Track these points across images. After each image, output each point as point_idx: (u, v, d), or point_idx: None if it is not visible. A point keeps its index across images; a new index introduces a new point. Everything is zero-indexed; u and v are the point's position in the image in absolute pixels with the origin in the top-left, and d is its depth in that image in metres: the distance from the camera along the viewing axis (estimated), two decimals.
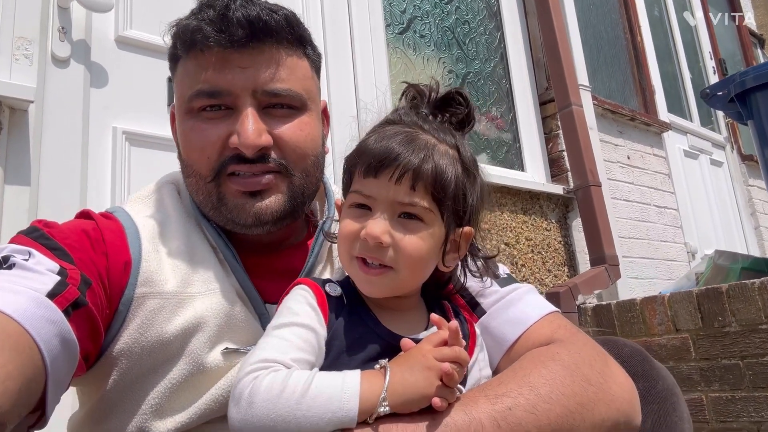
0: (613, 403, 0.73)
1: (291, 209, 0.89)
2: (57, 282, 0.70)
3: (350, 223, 0.74)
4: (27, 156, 1.58)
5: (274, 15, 0.85)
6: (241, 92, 0.84)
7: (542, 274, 2.97)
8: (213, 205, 0.88)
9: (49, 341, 0.65)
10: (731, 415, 2.01)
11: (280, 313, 0.75)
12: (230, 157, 0.85)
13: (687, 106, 4.80)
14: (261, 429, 0.63)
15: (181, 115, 0.89)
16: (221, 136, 0.85)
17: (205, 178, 0.87)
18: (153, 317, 0.81)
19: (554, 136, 3.28)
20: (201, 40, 0.83)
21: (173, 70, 0.92)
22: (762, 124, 2.50)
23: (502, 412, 0.66)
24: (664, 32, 4.80)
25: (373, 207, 0.73)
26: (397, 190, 0.72)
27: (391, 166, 0.72)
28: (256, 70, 0.85)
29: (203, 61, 0.85)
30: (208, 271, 0.86)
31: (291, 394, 0.63)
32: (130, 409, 0.81)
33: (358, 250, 0.73)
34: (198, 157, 0.87)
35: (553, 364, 0.73)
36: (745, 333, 1.98)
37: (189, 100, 0.86)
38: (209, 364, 0.81)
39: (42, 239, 0.76)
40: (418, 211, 0.73)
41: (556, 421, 0.67)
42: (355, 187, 0.75)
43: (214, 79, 0.84)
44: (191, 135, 0.87)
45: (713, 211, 4.47)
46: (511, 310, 0.86)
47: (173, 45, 0.89)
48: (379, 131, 0.78)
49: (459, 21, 3.18)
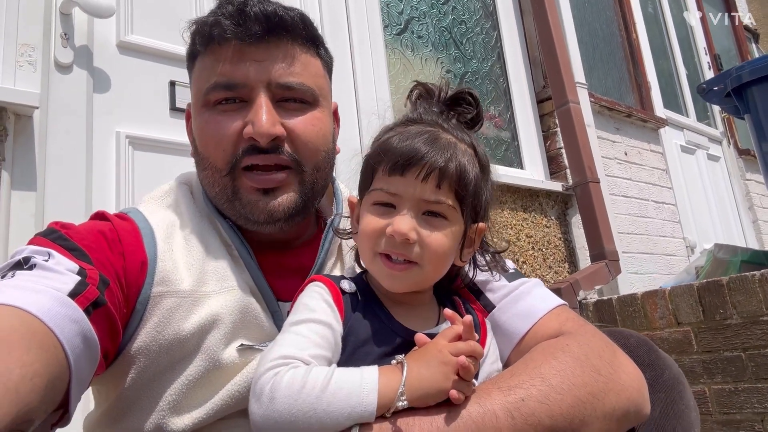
0: (623, 392, 0.74)
1: (302, 206, 0.91)
2: (77, 282, 0.71)
3: (374, 220, 0.76)
4: (33, 161, 1.59)
5: (290, 12, 0.89)
6: (256, 84, 0.87)
7: (543, 271, 2.98)
8: (227, 198, 0.89)
9: (72, 340, 0.66)
10: (734, 406, 2.02)
11: (296, 310, 0.76)
12: (245, 149, 0.87)
13: (683, 102, 4.82)
14: (282, 424, 0.64)
15: (198, 108, 0.91)
16: (236, 128, 0.87)
17: (220, 171, 0.88)
18: (170, 315, 0.82)
19: (552, 134, 3.30)
20: (219, 33, 0.86)
21: (191, 68, 0.94)
22: (759, 117, 2.52)
23: (516, 403, 0.67)
24: (659, 29, 4.83)
25: (398, 204, 0.75)
26: (423, 188, 0.74)
27: (418, 165, 0.73)
28: (271, 63, 0.87)
29: (220, 54, 0.87)
30: (223, 269, 0.87)
31: (311, 390, 0.64)
32: (147, 406, 0.82)
33: (384, 246, 0.75)
34: (214, 150, 0.88)
35: (563, 356, 0.75)
36: (747, 325, 2.00)
37: (206, 93, 0.89)
38: (225, 361, 0.82)
39: (60, 240, 0.78)
40: (443, 209, 0.75)
41: (568, 411, 0.68)
42: (379, 185, 0.76)
43: (231, 71, 0.87)
44: (207, 128, 0.89)
45: (711, 205, 4.49)
46: (520, 303, 0.87)
47: (192, 42, 0.92)
48: (401, 130, 0.79)
49: (456, 21, 3.20)
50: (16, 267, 0.71)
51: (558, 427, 0.67)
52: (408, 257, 0.74)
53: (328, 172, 0.96)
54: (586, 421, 0.69)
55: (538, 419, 0.67)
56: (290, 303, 0.82)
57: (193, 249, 0.88)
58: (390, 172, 0.75)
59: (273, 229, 0.90)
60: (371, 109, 2.48)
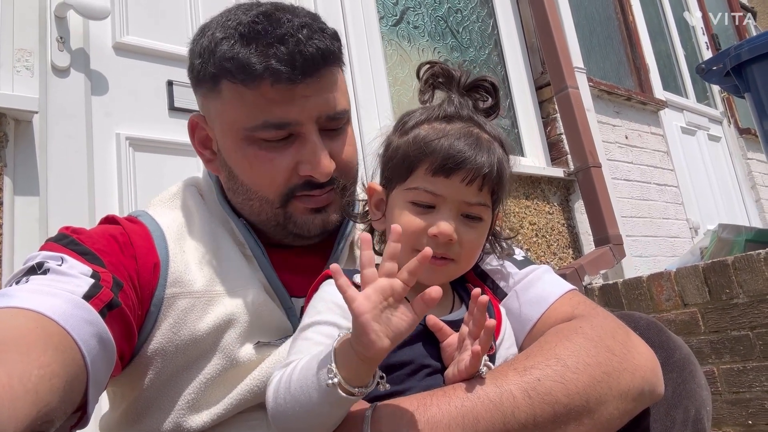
0: (637, 371, 0.75)
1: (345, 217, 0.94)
2: (91, 284, 0.72)
3: (415, 219, 0.77)
4: (34, 166, 1.59)
5: (335, 42, 0.87)
6: (307, 121, 0.86)
7: (548, 257, 2.98)
8: (278, 223, 0.91)
9: (88, 341, 0.67)
10: (743, 385, 2.03)
11: (306, 313, 0.79)
12: (300, 184, 0.88)
13: (682, 83, 4.80)
14: (284, 418, 0.67)
15: (237, 140, 0.87)
16: (289, 166, 0.87)
17: (272, 203, 0.89)
18: (185, 316, 0.83)
19: (552, 120, 3.29)
20: (272, 75, 0.81)
21: (211, 88, 0.87)
22: (759, 95, 2.50)
23: (532, 383, 0.68)
24: (655, 10, 4.80)
25: (439, 205, 0.76)
26: (467, 191, 0.76)
27: (464, 169, 0.74)
28: (318, 98, 0.85)
29: (269, 94, 0.83)
30: (235, 268, 0.88)
31: (288, 379, 0.67)
32: (166, 406, 0.83)
33: (425, 244, 0.75)
34: (267, 186, 0.88)
35: (577, 337, 0.75)
36: (753, 304, 2.00)
37: (252, 130, 0.85)
38: (242, 358, 0.83)
39: (72, 245, 0.78)
40: (481, 211, 0.78)
41: (584, 390, 0.69)
42: (421, 185, 0.77)
43: (283, 112, 0.84)
44: (257, 163, 0.87)
45: (713, 186, 4.48)
46: (531, 290, 0.88)
47: (218, 66, 0.84)
48: (441, 127, 0.79)
49: (451, 10, 3.18)
50: (30, 272, 0.72)
51: (574, 406, 0.68)
52: (447, 255, 0.77)
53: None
54: (602, 400, 0.70)
55: (555, 398, 0.67)
56: (303, 299, 0.84)
57: (205, 249, 0.89)
58: (434, 173, 0.75)
59: (317, 240, 0.93)
60: (369, 100, 2.48)
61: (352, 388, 0.62)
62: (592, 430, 0.69)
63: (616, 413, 0.72)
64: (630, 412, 0.74)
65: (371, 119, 2.44)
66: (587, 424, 0.69)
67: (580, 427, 0.68)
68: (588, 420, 0.69)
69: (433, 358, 0.75)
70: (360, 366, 0.62)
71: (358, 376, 0.62)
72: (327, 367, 0.62)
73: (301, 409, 0.65)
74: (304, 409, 0.65)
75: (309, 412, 0.65)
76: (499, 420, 0.66)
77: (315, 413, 0.65)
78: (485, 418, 0.65)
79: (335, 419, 0.66)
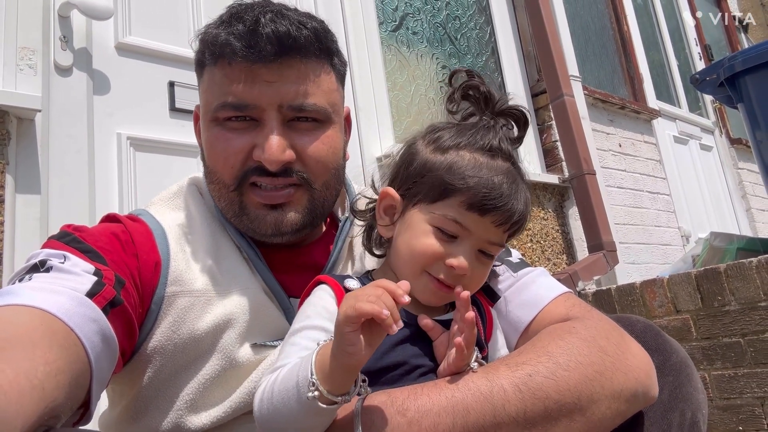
0: (630, 372, 0.75)
1: (310, 221, 0.91)
2: (94, 282, 0.72)
3: (434, 244, 0.76)
4: (36, 165, 1.59)
5: (303, 30, 0.85)
6: (267, 106, 0.85)
7: (542, 263, 3.01)
8: (235, 213, 0.90)
9: (92, 338, 0.67)
10: (735, 391, 2.05)
11: (296, 318, 0.79)
12: (253, 168, 0.86)
13: (675, 93, 4.85)
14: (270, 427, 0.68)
15: (207, 122, 0.90)
16: (245, 148, 0.86)
17: (228, 187, 0.88)
18: (184, 315, 0.83)
19: (547, 127, 3.32)
20: (229, 53, 0.84)
21: (200, 74, 0.92)
22: (752, 106, 2.54)
23: (523, 378, 0.69)
24: (650, 20, 4.86)
25: (462, 237, 0.76)
26: (494, 232, 0.77)
27: (500, 212, 0.75)
28: (282, 85, 0.85)
29: (230, 73, 0.85)
30: (234, 269, 0.88)
31: (271, 385, 0.67)
32: (165, 405, 0.83)
33: (435, 271, 0.76)
34: (222, 166, 0.88)
35: (570, 337, 0.76)
36: (745, 311, 2.02)
37: (215, 110, 0.87)
38: (240, 359, 0.83)
39: (74, 243, 0.78)
40: (498, 250, 0.80)
41: (575, 387, 0.69)
42: (451, 214, 0.76)
43: (241, 92, 0.84)
44: (216, 143, 0.88)
45: (705, 194, 4.53)
46: (525, 293, 0.88)
47: (200, 51, 0.90)
48: (483, 161, 0.78)
49: (450, 17, 3.21)
50: (33, 270, 0.72)
51: (566, 403, 0.68)
52: (456, 285, 0.76)
53: (338, 187, 0.95)
54: (594, 399, 0.70)
55: (546, 393, 0.68)
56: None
57: (205, 249, 0.89)
58: (469, 208, 0.75)
59: (280, 240, 0.91)
60: (368, 104, 2.50)
61: (334, 398, 0.62)
62: (584, 429, 0.70)
63: (609, 413, 0.72)
64: (623, 413, 0.74)
65: (370, 123, 2.46)
66: (579, 422, 0.69)
67: (572, 424, 0.69)
68: (580, 418, 0.69)
69: (427, 358, 0.76)
70: (342, 374, 0.62)
71: (339, 384, 0.62)
72: (307, 379, 0.62)
73: (284, 420, 0.65)
74: (287, 420, 0.65)
75: (292, 423, 0.65)
76: (489, 412, 0.66)
77: (299, 423, 0.65)
78: (475, 410, 0.66)
79: (320, 426, 0.66)
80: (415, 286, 0.78)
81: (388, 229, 0.84)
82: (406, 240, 0.79)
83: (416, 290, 0.78)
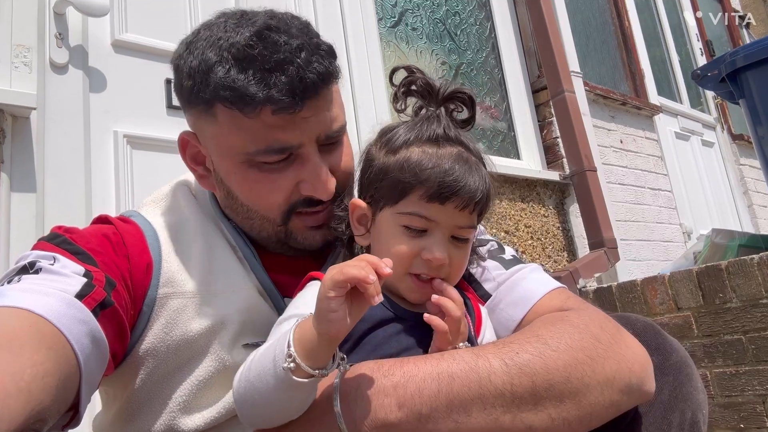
0: (624, 362, 0.73)
1: None
2: (84, 284, 0.71)
3: (408, 243, 0.77)
4: (31, 163, 1.58)
5: (332, 60, 0.84)
6: (308, 142, 0.84)
7: (542, 260, 3.00)
8: (279, 240, 0.91)
9: (81, 340, 0.66)
10: (736, 389, 2.04)
11: (287, 309, 0.80)
12: (301, 201, 0.87)
13: (676, 89, 4.84)
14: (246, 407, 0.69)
15: (237, 164, 0.85)
16: (290, 186, 0.85)
17: (273, 222, 0.88)
18: (177, 317, 0.83)
19: (548, 124, 3.31)
20: (272, 105, 0.78)
21: (206, 111, 0.83)
22: (754, 102, 2.52)
23: (509, 354, 0.69)
24: (651, 16, 4.84)
25: (431, 229, 0.77)
26: (460, 216, 0.77)
27: (459, 196, 0.75)
28: (317, 118, 0.83)
29: (271, 120, 0.80)
30: (229, 269, 0.88)
31: (248, 364, 0.68)
32: (158, 407, 0.83)
33: (417, 268, 0.78)
34: (265, 205, 0.87)
35: (561, 323, 0.75)
36: (747, 308, 2.02)
37: (253, 154, 0.83)
38: (234, 360, 0.83)
39: (64, 244, 0.78)
40: (470, 233, 0.80)
41: (564, 368, 0.69)
42: (414, 209, 0.77)
43: (285, 137, 0.82)
44: (257, 186, 0.85)
45: (706, 191, 4.51)
46: (516, 290, 0.88)
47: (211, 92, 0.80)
48: (432, 152, 0.78)
49: (450, 12, 3.19)
50: (22, 272, 0.71)
51: (555, 382, 0.68)
52: (438, 276, 0.78)
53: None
54: (586, 383, 0.69)
55: (533, 369, 0.68)
56: None
57: (198, 250, 0.88)
58: (429, 200, 0.76)
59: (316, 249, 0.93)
60: (367, 101, 2.48)
61: (311, 370, 0.62)
62: (575, 415, 0.69)
63: (602, 400, 0.70)
64: (617, 404, 0.72)
65: (368, 120, 2.45)
66: (570, 405, 0.68)
67: (562, 406, 0.68)
68: (570, 402, 0.68)
69: (420, 350, 0.77)
70: (320, 344, 0.62)
71: (318, 356, 0.62)
72: (284, 351, 0.62)
73: (260, 396, 0.65)
74: (263, 396, 0.65)
75: (269, 400, 0.65)
76: (474, 381, 0.66)
77: (275, 400, 0.65)
78: (460, 377, 0.67)
79: (298, 405, 0.66)
80: (402, 288, 0.80)
81: (364, 237, 0.85)
82: (381, 246, 0.81)
83: (404, 292, 0.80)
